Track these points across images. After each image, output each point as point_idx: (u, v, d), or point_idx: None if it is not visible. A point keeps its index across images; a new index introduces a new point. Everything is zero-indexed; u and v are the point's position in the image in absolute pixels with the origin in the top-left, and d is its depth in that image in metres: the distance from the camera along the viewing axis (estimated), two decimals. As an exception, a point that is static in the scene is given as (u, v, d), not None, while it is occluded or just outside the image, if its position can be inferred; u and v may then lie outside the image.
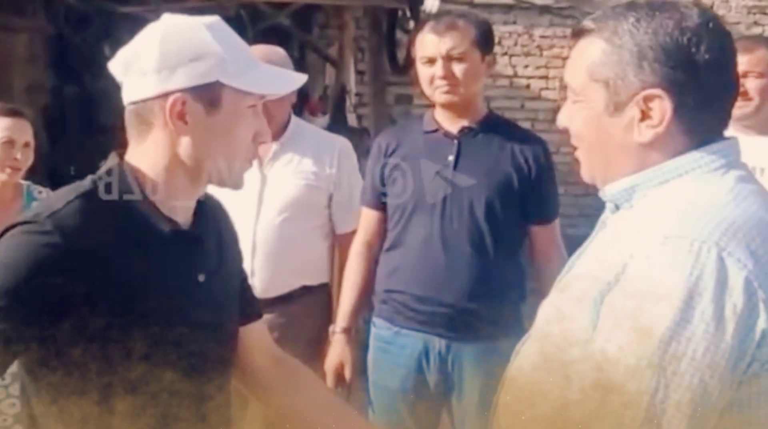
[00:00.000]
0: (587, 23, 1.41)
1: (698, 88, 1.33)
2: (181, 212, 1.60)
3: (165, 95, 1.51)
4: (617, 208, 1.44)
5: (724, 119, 1.40)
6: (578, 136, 1.46)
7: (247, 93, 1.54)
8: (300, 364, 1.88)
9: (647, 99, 1.33)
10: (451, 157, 2.81)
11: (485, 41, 2.82)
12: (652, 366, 1.19)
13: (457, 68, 2.76)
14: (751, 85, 3.03)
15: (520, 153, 2.82)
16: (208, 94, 1.52)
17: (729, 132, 2.98)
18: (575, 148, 1.48)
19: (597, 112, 1.39)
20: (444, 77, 2.76)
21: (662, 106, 1.33)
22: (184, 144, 1.54)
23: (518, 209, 2.82)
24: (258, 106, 1.59)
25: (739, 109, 2.99)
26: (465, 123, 2.85)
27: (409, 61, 6.38)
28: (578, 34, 1.43)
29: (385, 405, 2.92)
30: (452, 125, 2.86)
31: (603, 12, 1.41)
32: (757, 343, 1.20)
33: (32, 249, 1.41)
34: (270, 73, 1.63)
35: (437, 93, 2.81)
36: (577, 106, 1.43)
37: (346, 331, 3.01)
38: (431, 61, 2.78)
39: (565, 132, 1.48)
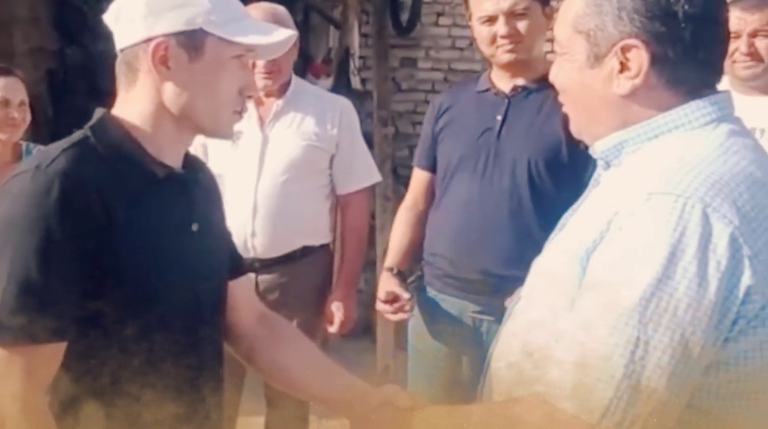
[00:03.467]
0: None
1: (678, 40, 1.32)
2: (172, 158, 1.63)
3: (149, 40, 1.56)
4: (608, 165, 1.43)
5: (712, 73, 1.39)
6: (563, 89, 1.47)
7: (231, 42, 1.57)
8: (284, 321, 1.91)
9: (625, 49, 1.34)
10: (499, 117, 2.68)
11: None
12: (633, 322, 1.19)
13: (521, 25, 2.62)
14: (760, 44, 2.92)
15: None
16: (191, 41, 1.56)
17: (727, 89, 2.95)
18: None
19: (579, 65, 1.40)
20: (507, 36, 2.62)
21: (639, 57, 1.33)
22: (168, 90, 1.58)
23: (566, 174, 2.59)
24: (245, 58, 1.62)
25: (748, 69, 2.95)
26: (519, 82, 2.71)
27: (413, 23, 6.36)
28: None
29: (422, 369, 2.88)
30: (506, 84, 2.73)
31: None
32: (742, 299, 1.20)
33: (35, 196, 1.44)
34: (255, 26, 1.65)
35: (500, 52, 2.66)
36: (563, 59, 1.44)
37: (389, 270, 2.90)
38: (492, 19, 2.64)
39: None
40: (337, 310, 3.16)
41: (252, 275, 2.88)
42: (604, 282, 1.23)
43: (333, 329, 3.18)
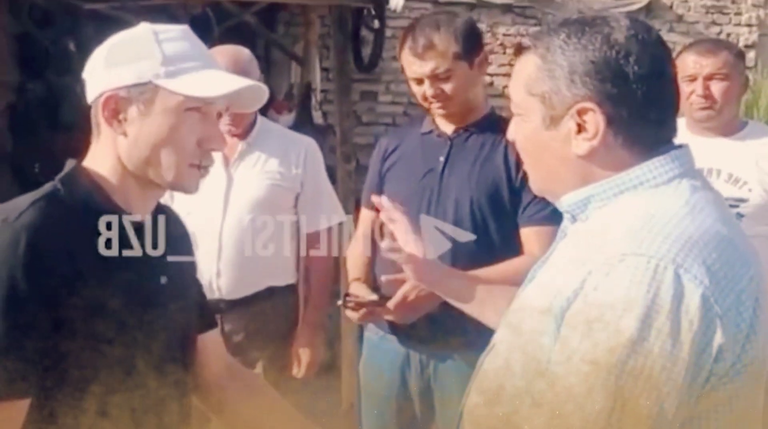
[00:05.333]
0: (524, 41, 1.46)
1: (631, 100, 1.35)
2: (140, 210, 1.63)
3: (103, 94, 1.56)
4: (575, 218, 1.45)
5: (666, 129, 1.42)
6: (522, 149, 1.50)
7: (183, 95, 1.55)
8: (252, 373, 1.91)
9: (581, 112, 1.36)
10: (441, 158, 2.73)
11: (470, 48, 2.66)
12: (609, 383, 1.20)
13: (446, 87, 2.65)
14: (715, 88, 3.04)
15: (513, 152, 2.54)
16: (142, 95, 1.55)
17: (687, 134, 3.00)
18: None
19: (536, 126, 1.42)
20: (434, 97, 2.66)
21: (595, 119, 1.36)
22: (122, 144, 1.58)
23: (509, 213, 2.66)
24: (208, 109, 1.60)
25: (704, 111, 3.05)
26: (461, 124, 2.75)
27: (375, 59, 6.42)
28: (518, 51, 1.47)
29: (372, 410, 2.87)
30: (448, 126, 2.77)
31: (540, 29, 1.46)
32: (714, 358, 1.23)
33: (1, 251, 1.42)
34: (212, 78, 1.61)
35: (433, 108, 2.72)
36: (519, 119, 1.47)
37: (357, 279, 2.85)
38: (419, 81, 2.68)
39: None
40: (303, 352, 3.16)
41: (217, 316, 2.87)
42: (580, 344, 1.24)
43: (299, 373, 3.18)
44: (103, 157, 1.60)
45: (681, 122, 2.96)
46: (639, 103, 1.35)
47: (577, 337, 1.25)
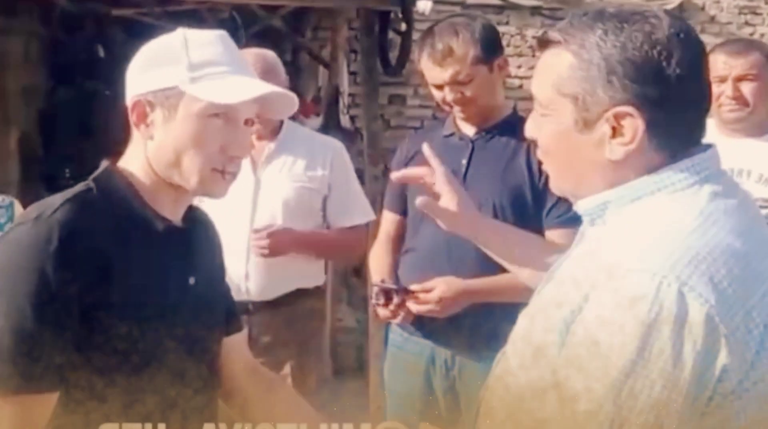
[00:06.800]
0: (553, 34, 1.36)
1: (670, 103, 1.28)
2: (171, 212, 1.64)
3: (132, 98, 1.59)
4: (593, 222, 1.39)
5: (698, 130, 1.35)
6: (546, 149, 1.42)
7: (206, 101, 1.56)
8: (275, 376, 1.92)
9: (618, 116, 1.29)
10: (464, 161, 2.73)
11: (489, 50, 2.66)
12: (609, 402, 1.17)
13: (467, 90, 2.66)
14: (746, 89, 3.00)
15: (536, 153, 2.61)
16: (168, 100, 1.57)
17: (717, 134, 2.96)
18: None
19: (566, 128, 1.34)
20: (455, 101, 2.68)
21: (634, 124, 1.28)
22: (150, 148, 1.60)
23: (533, 215, 2.64)
24: (230, 116, 1.59)
25: (734, 112, 3.01)
26: (482, 125, 2.76)
27: (402, 62, 6.42)
28: (544, 44, 1.38)
29: (397, 410, 2.88)
30: (469, 129, 2.78)
31: (569, 22, 1.35)
32: (718, 378, 1.18)
33: (34, 246, 1.45)
34: (237, 84, 1.60)
35: (454, 112, 2.75)
36: (545, 119, 1.39)
37: (382, 281, 2.80)
38: (439, 87, 2.69)
39: None
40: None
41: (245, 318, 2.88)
42: (582, 360, 1.20)
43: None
44: (135, 159, 1.62)
45: (710, 123, 2.93)
46: (677, 105, 1.29)
47: (578, 351, 1.21)
